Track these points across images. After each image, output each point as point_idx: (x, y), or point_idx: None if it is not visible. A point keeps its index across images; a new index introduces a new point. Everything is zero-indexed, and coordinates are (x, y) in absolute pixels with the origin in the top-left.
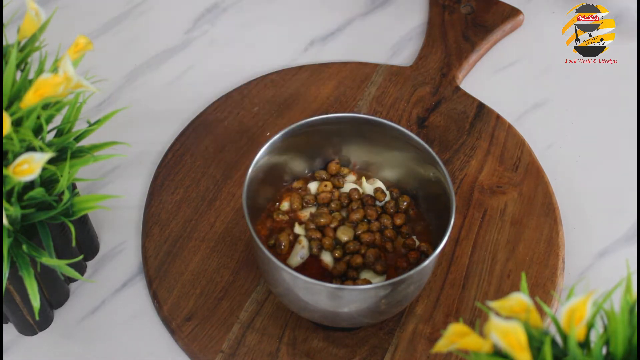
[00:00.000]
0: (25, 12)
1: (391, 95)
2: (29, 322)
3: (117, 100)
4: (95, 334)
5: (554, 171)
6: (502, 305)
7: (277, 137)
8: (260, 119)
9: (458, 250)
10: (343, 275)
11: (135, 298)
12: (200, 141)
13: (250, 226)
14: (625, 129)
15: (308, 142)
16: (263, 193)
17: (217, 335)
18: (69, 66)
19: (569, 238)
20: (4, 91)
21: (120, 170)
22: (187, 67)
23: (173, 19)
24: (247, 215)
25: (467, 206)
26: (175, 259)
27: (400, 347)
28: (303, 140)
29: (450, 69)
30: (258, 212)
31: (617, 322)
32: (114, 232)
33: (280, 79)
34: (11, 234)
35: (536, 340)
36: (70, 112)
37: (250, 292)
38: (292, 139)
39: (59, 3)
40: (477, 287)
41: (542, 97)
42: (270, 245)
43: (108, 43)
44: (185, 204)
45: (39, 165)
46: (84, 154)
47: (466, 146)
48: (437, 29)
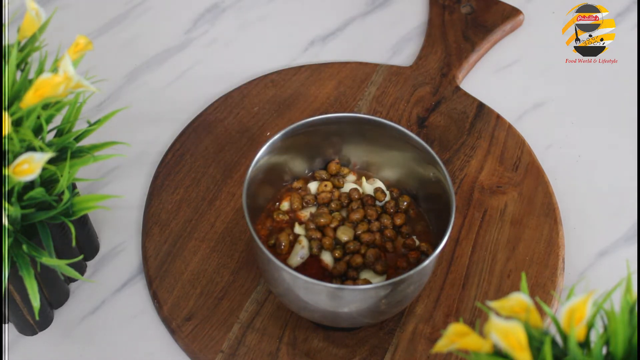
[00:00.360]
0: (25, 12)
1: (391, 95)
2: (29, 322)
3: (117, 100)
4: (95, 334)
5: (554, 171)
6: (502, 305)
7: (277, 137)
8: (260, 118)
9: (458, 250)
10: (343, 275)
11: (136, 298)
12: (200, 141)
13: (250, 226)
14: (625, 129)
15: (308, 142)
16: (263, 193)
17: (217, 335)
18: (69, 66)
19: (569, 238)
20: (4, 91)
21: (121, 170)
22: (187, 67)
23: (173, 19)
24: (247, 215)
25: (467, 206)
26: (176, 259)
27: (400, 347)
28: (303, 140)
29: (450, 68)
30: (258, 212)
31: (617, 322)
32: (114, 232)
33: (281, 79)
34: (11, 233)
35: (536, 340)
36: (70, 112)
37: (250, 292)
38: (292, 139)
39: (58, 3)
40: (477, 287)
41: (542, 97)
42: (270, 245)
43: (108, 43)
44: (185, 204)
45: (39, 165)
46: (84, 154)
47: (466, 146)
48: (437, 29)
